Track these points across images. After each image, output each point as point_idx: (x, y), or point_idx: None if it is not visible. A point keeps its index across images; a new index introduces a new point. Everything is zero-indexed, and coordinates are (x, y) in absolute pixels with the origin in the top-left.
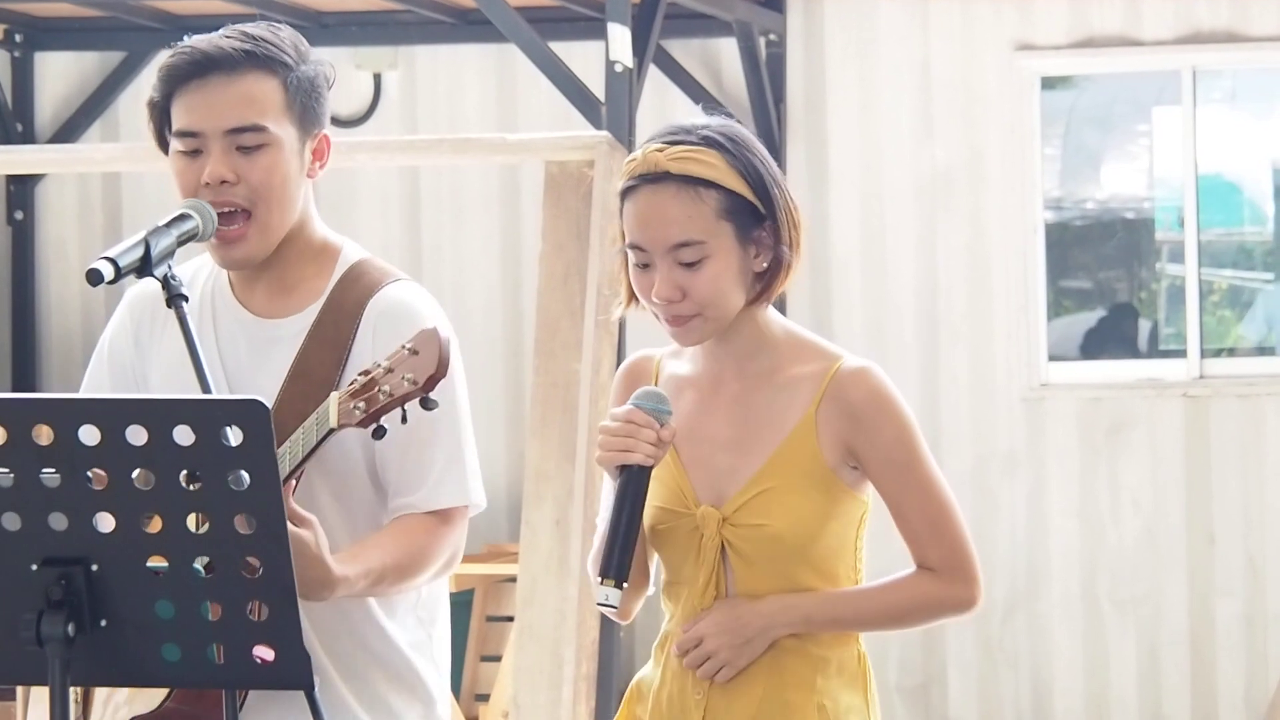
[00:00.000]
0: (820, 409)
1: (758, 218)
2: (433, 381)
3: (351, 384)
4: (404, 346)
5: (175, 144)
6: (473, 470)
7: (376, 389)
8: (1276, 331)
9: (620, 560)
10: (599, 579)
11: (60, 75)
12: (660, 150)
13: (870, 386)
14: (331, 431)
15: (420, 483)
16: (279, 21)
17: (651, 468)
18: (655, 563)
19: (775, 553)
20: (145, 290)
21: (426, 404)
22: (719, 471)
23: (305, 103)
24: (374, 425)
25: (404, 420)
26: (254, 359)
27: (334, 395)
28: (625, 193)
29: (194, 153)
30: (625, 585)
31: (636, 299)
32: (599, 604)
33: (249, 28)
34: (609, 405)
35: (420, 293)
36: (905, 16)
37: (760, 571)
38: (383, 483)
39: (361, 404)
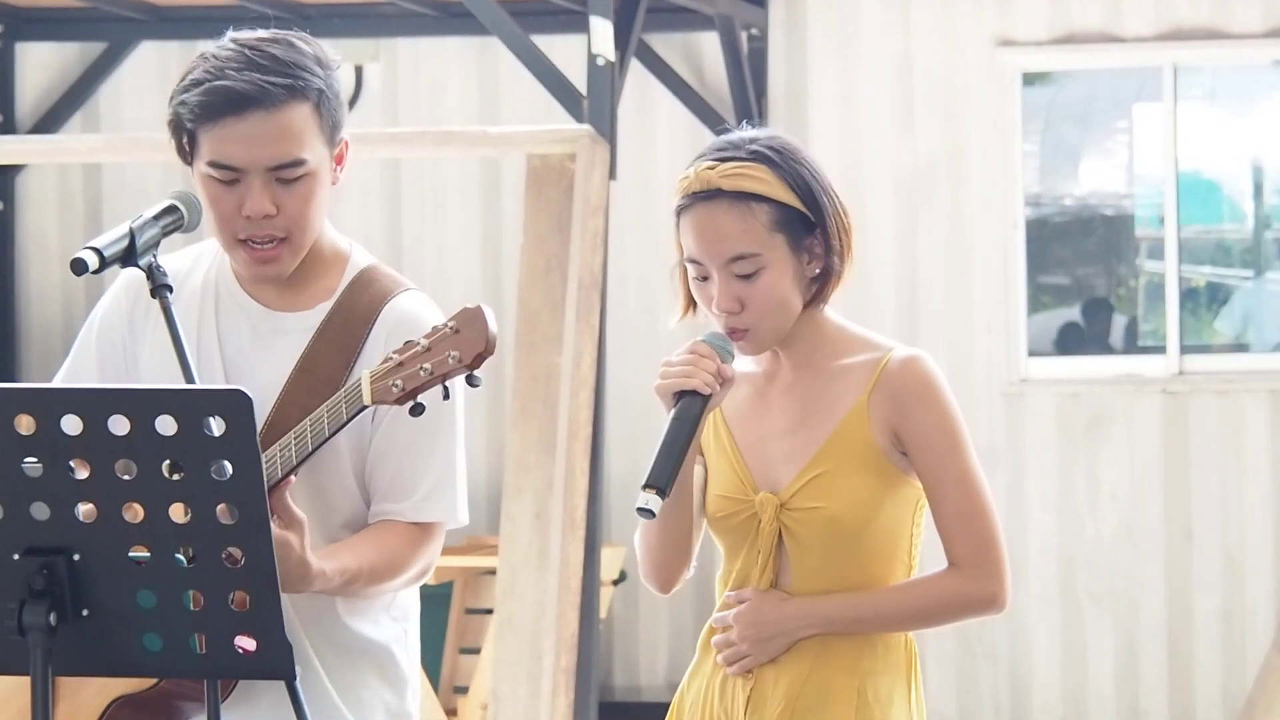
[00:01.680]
0: (872, 395)
1: (809, 226)
2: (480, 359)
3: (385, 362)
4: (445, 325)
5: (209, 171)
6: (462, 489)
7: (417, 366)
8: (1255, 328)
9: (670, 471)
10: (643, 488)
11: (41, 65)
12: (711, 168)
13: (917, 372)
14: (363, 408)
15: (410, 492)
16: (261, 13)
17: (708, 398)
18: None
19: (831, 535)
20: (141, 275)
21: (472, 380)
22: (776, 459)
23: (333, 118)
24: (412, 402)
25: (446, 397)
26: (257, 348)
27: (365, 373)
28: (680, 210)
29: (230, 182)
30: (666, 498)
31: (693, 308)
32: (638, 509)
33: (272, 47)
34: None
35: (429, 304)
36: (886, 11)
37: (815, 557)
38: (369, 486)
39: (399, 381)
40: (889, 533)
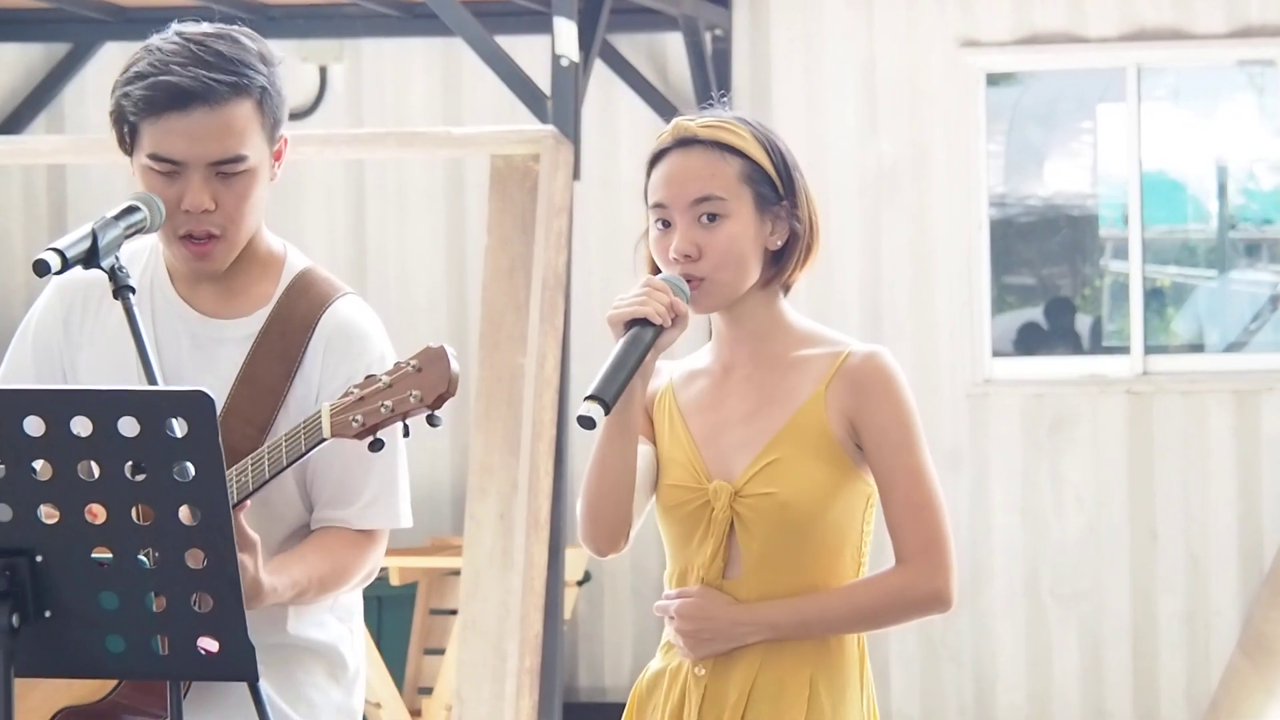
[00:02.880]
0: (830, 386)
1: (776, 195)
2: (441, 400)
3: (345, 396)
4: (408, 363)
5: (149, 163)
6: (404, 493)
7: (378, 403)
8: (1219, 329)
9: (615, 387)
10: (586, 399)
11: (5, 66)
12: (691, 120)
13: (877, 365)
14: (323, 441)
15: (353, 499)
16: (225, 14)
17: (659, 329)
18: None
19: (783, 522)
20: (76, 277)
21: (433, 420)
22: (730, 447)
23: (275, 115)
24: (371, 438)
25: (406, 434)
26: (196, 357)
27: (325, 406)
28: (655, 159)
29: (170, 174)
30: (609, 413)
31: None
32: (580, 416)
33: (217, 43)
34: None
35: (367, 310)
36: (850, 12)
37: (765, 545)
38: (311, 493)
39: (360, 417)
40: (839, 526)
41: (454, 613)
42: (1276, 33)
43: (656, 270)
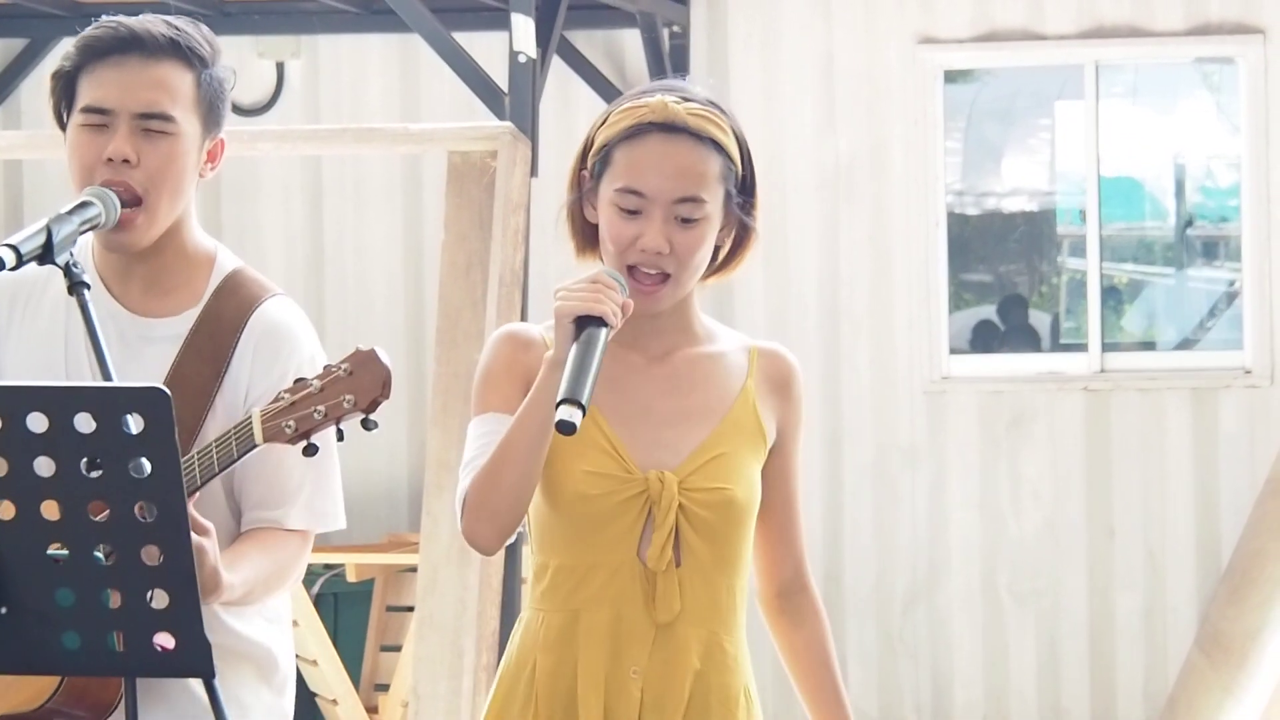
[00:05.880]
0: (756, 381)
1: (738, 192)
2: (375, 404)
3: (276, 401)
4: (339, 366)
5: (80, 118)
6: (337, 494)
7: (311, 408)
8: (1177, 327)
9: (588, 389)
10: (561, 402)
11: None
12: (678, 103)
13: (794, 366)
14: (255, 447)
15: (286, 500)
16: (183, 10)
17: (609, 329)
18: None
19: (729, 517)
20: (7, 277)
21: (366, 424)
22: (660, 441)
23: (212, 102)
24: (305, 443)
25: (340, 438)
26: (125, 356)
27: (256, 411)
28: (627, 136)
29: (98, 128)
30: (585, 414)
31: (586, 253)
32: (561, 421)
33: (169, 16)
34: (494, 366)
35: (297, 311)
36: (808, 8)
37: (707, 537)
38: (240, 494)
39: (292, 423)
40: (752, 523)
41: (411, 609)
42: (1235, 30)
43: (584, 241)
